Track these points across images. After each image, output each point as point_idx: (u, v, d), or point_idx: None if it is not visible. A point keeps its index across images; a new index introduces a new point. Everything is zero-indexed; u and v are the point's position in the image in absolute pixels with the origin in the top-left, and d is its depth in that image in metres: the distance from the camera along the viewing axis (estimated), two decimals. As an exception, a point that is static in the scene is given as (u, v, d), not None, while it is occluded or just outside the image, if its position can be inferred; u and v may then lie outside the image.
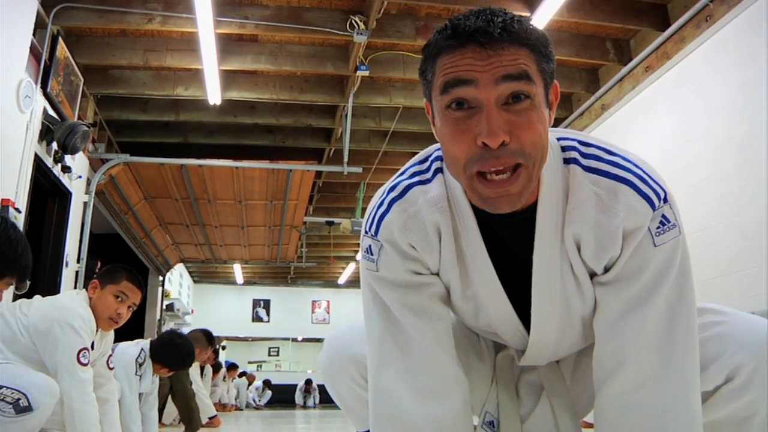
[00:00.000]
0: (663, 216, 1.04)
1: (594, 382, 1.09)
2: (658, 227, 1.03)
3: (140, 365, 3.70)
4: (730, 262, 5.07)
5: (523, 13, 5.69)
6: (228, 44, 6.38)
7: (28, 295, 5.43)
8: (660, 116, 6.15)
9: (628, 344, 1.02)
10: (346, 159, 7.91)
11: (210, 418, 5.85)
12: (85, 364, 2.52)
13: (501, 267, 1.11)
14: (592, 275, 1.10)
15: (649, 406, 0.99)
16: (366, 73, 6.51)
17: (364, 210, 9.52)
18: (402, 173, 1.16)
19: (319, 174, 9.22)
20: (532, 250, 1.07)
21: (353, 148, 8.10)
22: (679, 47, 5.76)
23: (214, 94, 6.70)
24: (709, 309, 1.18)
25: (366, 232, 1.16)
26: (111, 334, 3.00)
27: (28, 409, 2.32)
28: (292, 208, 9.35)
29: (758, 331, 1.11)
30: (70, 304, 2.72)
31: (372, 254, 1.14)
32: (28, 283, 2.98)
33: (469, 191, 1.00)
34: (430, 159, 1.14)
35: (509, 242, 1.10)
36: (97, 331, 2.79)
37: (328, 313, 19.09)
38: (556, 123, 7.78)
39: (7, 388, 2.32)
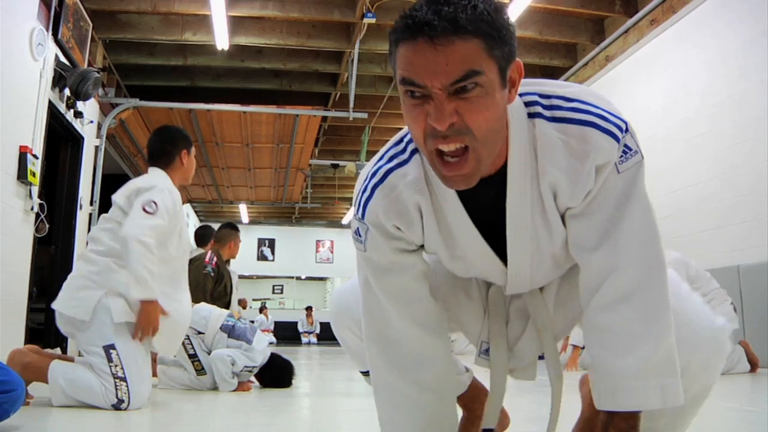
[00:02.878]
0: (625, 145, 1.10)
1: (582, 302, 1.19)
2: (621, 156, 1.10)
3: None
4: (724, 216, 5.23)
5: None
6: (236, -10, 6.41)
7: (47, 240, 5.68)
8: (662, 70, 6.22)
9: (615, 256, 1.12)
10: (352, 104, 8.01)
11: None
12: (150, 213, 2.66)
13: (481, 222, 1.21)
14: (564, 213, 1.20)
15: (636, 314, 1.10)
16: (372, 21, 6.53)
17: (369, 153, 9.72)
18: (381, 158, 1.24)
19: (325, 117, 9.32)
20: (505, 202, 1.18)
21: (359, 92, 8.18)
22: (685, 1, 5.78)
23: (222, 39, 6.75)
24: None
25: (354, 215, 1.27)
26: None
27: (120, 409, 2.60)
28: (298, 152, 9.49)
29: (705, 338, 1.24)
30: (147, 178, 2.91)
31: (360, 235, 1.26)
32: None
33: (431, 164, 1.08)
34: (405, 140, 1.23)
35: (486, 200, 1.19)
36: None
37: (331, 252, 19.40)
38: (561, 72, 7.85)
39: (127, 386, 2.59)
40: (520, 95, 1.14)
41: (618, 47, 6.84)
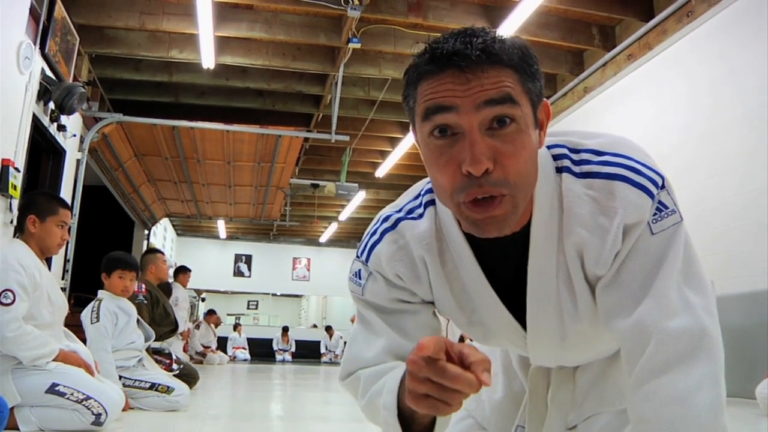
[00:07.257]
0: (660, 202, 0.99)
1: (626, 378, 1.03)
2: (655, 214, 0.98)
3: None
4: (698, 248, 5.34)
5: (513, -2, 5.84)
6: (224, 10, 6.49)
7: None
8: (638, 104, 6.40)
9: (646, 328, 0.97)
10: (334, 126, 8.10)
11: None
12: (7, 304, 2.56)
13: (499, 285, 1.11)
14: (595, 283, 1.06)
15: (675, 388, 0.94)
16: (357, 46, 6.66)
17: (348, 174, 9.80)
18: (398, 210, 1.16)
19: (307, 138, 9.39)
20: (527, 266, 1.07)
21: (341, 114, 8.26)
22: (660, 39, 5.98)
23: (208, 58, 6.82)
24: None
25: (358, 257, 1.18)
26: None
27: (100, 423, 2.62)
28: (279, 171, 9.53)
29: None
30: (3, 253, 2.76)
31: (360, 279, 1.17)
32: None
33: (458, 217, 0.98)
34: (422, 194, 1.15)
35: (504, 262, 1.09)
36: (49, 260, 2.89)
37: (308, 270, 19.36)
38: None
39: (95, 400, 2.61)
40: (548, 147, 1.05)
41: (596, 79, 7.03)
